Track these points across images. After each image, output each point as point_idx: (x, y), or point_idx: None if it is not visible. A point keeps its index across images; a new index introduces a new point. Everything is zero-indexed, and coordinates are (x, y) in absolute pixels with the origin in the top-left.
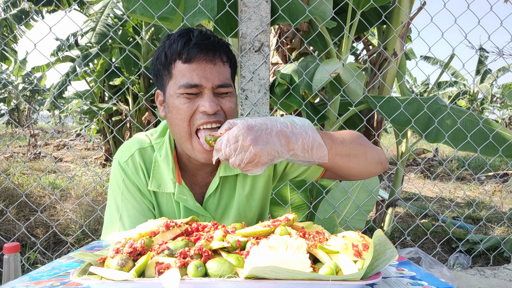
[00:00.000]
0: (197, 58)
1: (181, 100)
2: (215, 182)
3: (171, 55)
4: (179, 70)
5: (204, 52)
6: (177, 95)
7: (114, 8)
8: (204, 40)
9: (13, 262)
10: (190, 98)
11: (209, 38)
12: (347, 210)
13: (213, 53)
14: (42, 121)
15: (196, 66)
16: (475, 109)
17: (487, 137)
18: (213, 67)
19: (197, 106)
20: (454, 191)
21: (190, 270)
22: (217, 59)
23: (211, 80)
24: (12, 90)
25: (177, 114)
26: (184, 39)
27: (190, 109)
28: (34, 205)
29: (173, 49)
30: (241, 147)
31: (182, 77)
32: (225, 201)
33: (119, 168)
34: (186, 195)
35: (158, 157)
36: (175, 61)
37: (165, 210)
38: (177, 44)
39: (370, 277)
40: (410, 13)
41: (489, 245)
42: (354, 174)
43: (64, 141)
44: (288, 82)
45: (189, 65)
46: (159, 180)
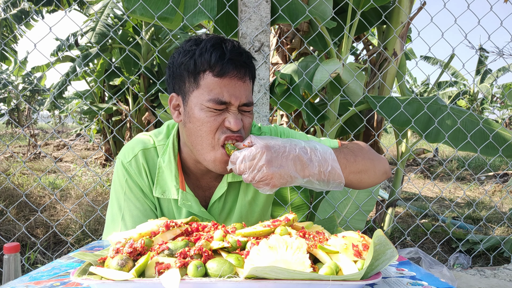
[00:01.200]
0: (230, 75)
1: (207, 113)
2: (223, 187)
3: (201, 65)
4: (209, 82)
5: (237, 69)
6: (202, 107)
7: (114, 8)
8: (238, 56)
9: (13, 262)
10: (216, 113)
11: (242, 54)
12: (347, 210)
13: (244, 70)
14: (42, 121)
15: (227, 82)
16: (475, 109)
17: (487, 137)
18: (242, 84)
19: (222, 121)
20: (454, 191)
21: (190, 270)
22: (247, 77)
23: (239, 98)
24: (12, 90)
25: (201, 126)
26: (219, 52)
27: (216, 123)
28: (34, 205)
29: (205, 59)
30: (255, 166)
31: (211, 90)
32: (229, 206)
33: (122, 168)
34: (190, 200)
35: (161, 163)
36: (204, 72)
37: (167, 211)
38: (210, 55)
39: (370, 277)
40: (410, 13)
41: (489, 245)
42: (363, 186)
43: (64, 141)
44: (288, 82)
45: (221, 80)
46: (163, 187)
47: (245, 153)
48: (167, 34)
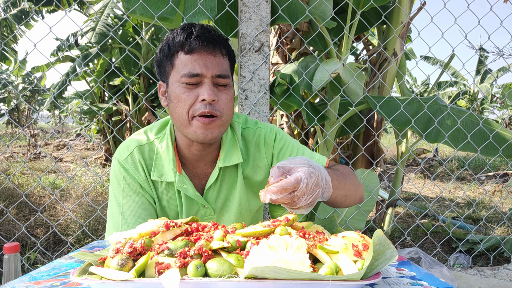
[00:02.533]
0: (198, 49)
1: (182, 89)
2: (215, 173)
3: (174, 47)
4: (181, 60)
5: (205, 44)
6: (178, 84)
7: (114, 8)
8: (205, 33)
9: (13, 262)
10: (190, 88)
11: (210, 32)
12: (347, 210)
13: (213, 45)
14: (42, 121)
15: (197, 57)
16: (475, 109)
17: (487, 137)
18: (213, 58)
19: (197, 96)
20: (454, 191)
21: (190, 270)
22: (217, 51)
23: (210, 70)
24: (12, 90)
25: (178, 102)
26: (187, 32)
27: (190, 97)
28: (34, 205)
29: (176, 41)
30: (311, 189)
31: (184, 67)
32: (225, 193)
33: (118, 166)
34: (186, 184)
35: (159, 148)
36: (177, 52)
37: (166, 203)
38: (180, 36)
39: (370, 277)
40: (410, 13)
41: (489, 245)
42: (339, 207)
43: (64, 141)
44: (288, 82)
45: (191, 56)
46: (161, 170)
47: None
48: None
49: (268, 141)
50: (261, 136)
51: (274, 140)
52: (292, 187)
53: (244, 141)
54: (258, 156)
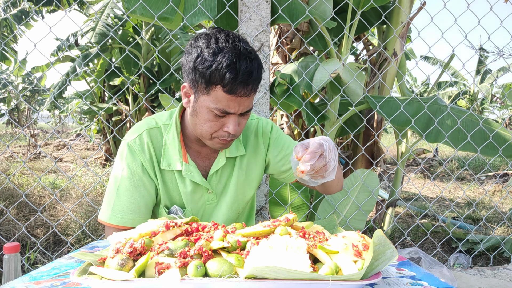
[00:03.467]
0: (238, 94)
1: (211, 116)
2: (221, 161)
3: (215, 80)
4: (218, 95)
5: (245, 88)
6: (208, 109)
7: (114, 8)
8: (248, 77)
9: (13, 262)
10: (219, 118)
11: (252, 74)
12: (347, 210)
13: (251, 87)
14: (42, 121)
15: (234, 99)
16: (475, 109)
17: (487, 137)
18: (247, 99)
19: (222, 124)
20: (454, 191)
21: (190, 270)
22: (252, 92)
23: (241, 109)
24: (12, 90)
25: (204, 124)
26: (232, 73)
27: (216, 125)
28: (34, 205)
29: (218, 76)
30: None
31: (218, 102)
32: (224, 180)
33: (125, 146)
34: (192, 171)
35: (167, 140)
36: (216, 85)
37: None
38: (224, 73)
39: (370, 277)
40: (410, 13)
41: (489, 245)
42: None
43: (64, 141)
44: (288, 82)
45: (229, 96)
46: (169, 160)
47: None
48: (167, 34)
49: (265, 130)
50: (259, 126)
51: (271, 130)
52: (320, 150)
53: (245, 132)
54: (256, 144)
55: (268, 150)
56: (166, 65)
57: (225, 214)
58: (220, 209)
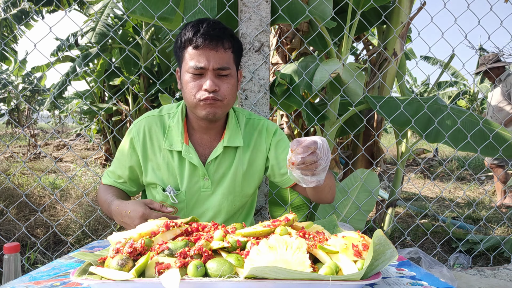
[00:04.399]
0: (202, 46)
1: (190, 78)
2: (218, 150)
3: (184, 42)
4: (189, 54)
5: (209, 41)
6: (187, 73)
7: (114, 8)
8: (210, 30)
9: (13, 262)
10: (196, 78)
11: (215, 29)
12: (347, 210)
13: (216, 42)
14: (42, 121)
15: (201, 52)
16: (475, 109)
17: (487, 137)
18: (215, 53)
19: (201, 85)
20: (454, 191)
21: (190, 270)
22: (219, 47)
23: (212, 63)
24: (12, 90)
25: (186, 89)
26: (195, 29)
27: (196, 86)
28: (34, 205)
29: (186, 37)
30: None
31: (191, 60)
32: (223, 170)
33: (133, 126)
34: (191, 153)
35: (171, 123)
36: (187, 46)
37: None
38: (189, 33)
39: (370, 277)
40: (410, 13)
41: (489, 245)
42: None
43: (64, 141)
44: (288, 82)
45: (197, 51)
46: (171, 141)
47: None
48: (167, 34)
49: (270, 131)
50: (264, 125)
51: (274, 132)
52: (313, 147)
53: (249, 128)
54: (259, 141)
55: (269, 150)
56: (166, 65)
57: (219, 204)
58: (215, 198)
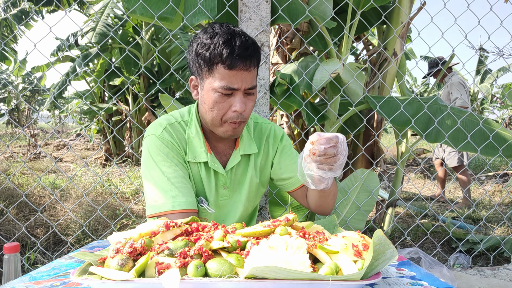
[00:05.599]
0: (237, 68)
1: (218, 97)
2: (236, 159)
3: (215, 58)
4: (220, 73)
5: (244, 62)
6: (214, 91)
7: (114, 8)
8: (245, 51)
9: (13, 262)
10: (225, 98)
11: (248, 49)
12: (347, 210)
13: (250, 62)
14: (42, 121)
15: (235, 73)
16: (475, 109)
17: (487, 137)
18: (248, 74)
19: (230, 105)
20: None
21: (190, 270)
22: (252, 67)
23: (244, 84)
24: (12, 90)
25: (213, 107)
26: (229, 48)
27: (224, 107)
28: (34, 205)
29: (217, 53)
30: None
31: (222, 79)
32: (239, 177)
33: (156, 140)
34: (216, 163)
35: (190, 134)
36: (217, 64)
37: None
38: (221, 50)
39: (370, 277)
40: (410, 13)
41: (489, 245)
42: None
43: (64, 141)
44: (288, 82)
45: (230, 72)
46: (194, 153)
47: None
48: (167, 34)
49: (277, 136)
50: (272, 130)
51: (282, 137)
52: (334, 140)
53: (258, 133)
54: (267, 147)
55: (275, 155)
56: (166, 65)
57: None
58: (233, 205)
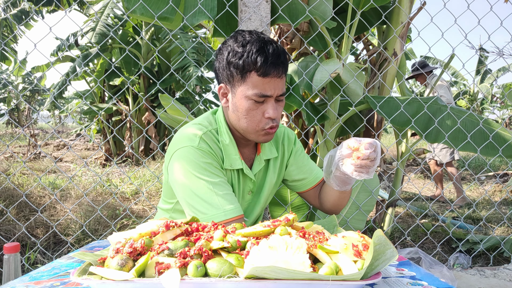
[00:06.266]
0: (271, 75)
1: (251, 105)
2: (261, 164)
3: (249, 65)
4: (254, 80)
5: (277, 69)
6: (247, 99)
7: (114, 8)
8: (278, 59)
9: (13, 262)
10: (258, 104)
11: (280, 56)
12: (347, 210)
13: (282, 70)
14: (42, 121)
15: (269, 80)
16: (475, 109)
17: (487, 137)
18: (280, 81)
19: (263, 112)
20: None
21: (190, 270)
22: (283, 74)
23: (277, 91)
24: (12, 90)
25: (246, 115)
26: (263, 57)
27: (257, 114)
28: (34, 205)
29: (251, 61)
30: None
31: (255, 87)
32: (261, 182)
33: (194, 151)
34: (247, 169)
35: (224, 142)
36: (251, 71)
37: (233, 186)
38: (255, 58)
39: (370, 277)
40: (410, 13)
41: (489, 245)
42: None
43: (64, 141)
44: (288, 82)
45: (264, 79)
46: (230, 160)
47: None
48: (167, 34)
49: (291, 139)
50: (286, 134)
51: (295, 140)
52: (374, 146)
53: (274, 137)
54: (283, 150)
55: (289, 157)
56: (166, 65)
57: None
58: (255, 210)
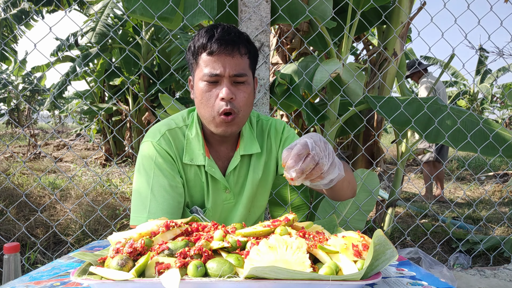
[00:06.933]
0: (218, 52)
1: (205, 87)
2: (236, 160)
3: (198, 48)
4: (204, 60)
5: (224, 46)
6: (201, 81)
7: (114, 8)
8: (225, 35)
9: (13, 262)
10: (212, 86)
11: (230, 34)
12: (347, 210)
13: (232, 47)
14: (42, 121)
15: (217, 58)
16: (475, 109)
17: (487, 137)
18: (231, 59)
19: (217, 94)
20: (454, 191)
21: (190, 270)
22: (235, 52)
23: (228, 70)
24: (12, 90)
25: (201, 99)
26: (209, 34)
27: (212, 96)
28: (34, 205)
29: (200, 43)
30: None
31: (206, 66)
32: (242, 180)
33: (151, 147)
34: (214, 167)
35: (189, 135)
36: (201, 53)
37: (193, 186)
38: (203, 38)
39: (370, 277)
40: (410, 13)
41: (489, 245)
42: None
43: (64, 141)
44: (288, 82)
45: (212, 57)
46: (191, 155)
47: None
48: (167, 34)
49: (278, 129)
50: (272, 125)
51: (283, 129)
52: (304, 150)
53: (259, 131)
54: (270, 143)
55: (279, 148)
56: (166, 65)
57: (242, 215)
58: (237, 210)
